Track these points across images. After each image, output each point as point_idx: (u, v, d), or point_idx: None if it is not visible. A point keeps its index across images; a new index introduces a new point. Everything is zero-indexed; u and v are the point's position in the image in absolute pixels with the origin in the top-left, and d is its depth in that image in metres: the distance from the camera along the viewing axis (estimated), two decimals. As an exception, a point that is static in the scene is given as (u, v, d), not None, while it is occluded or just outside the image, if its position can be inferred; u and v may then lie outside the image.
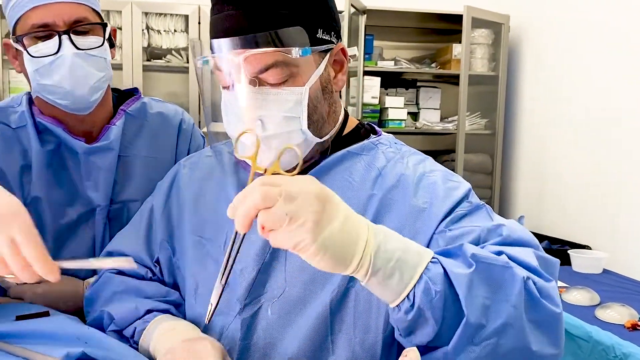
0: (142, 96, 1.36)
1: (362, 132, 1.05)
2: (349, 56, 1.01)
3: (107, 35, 1.20)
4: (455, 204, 0.92)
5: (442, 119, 3.89)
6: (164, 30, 3.57)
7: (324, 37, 0.92)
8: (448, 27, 3.79)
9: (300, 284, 0.92)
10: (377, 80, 3.63)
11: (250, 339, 0.93)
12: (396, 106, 3.69)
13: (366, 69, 3.55)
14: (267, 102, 0.88)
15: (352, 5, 3.32)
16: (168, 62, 3.57)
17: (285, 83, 0.88)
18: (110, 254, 1.09)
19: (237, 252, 0.77)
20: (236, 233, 0.74)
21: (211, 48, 0.89)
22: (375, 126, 1.09)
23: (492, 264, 0.76)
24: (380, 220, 0.92)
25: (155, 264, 1.07)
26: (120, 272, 1.08)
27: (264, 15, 0.86)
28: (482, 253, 0.77)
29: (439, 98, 3.89)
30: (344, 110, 1.06)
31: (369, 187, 0.96)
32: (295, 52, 0.85)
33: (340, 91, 1.04)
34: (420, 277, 0.73)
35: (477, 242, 0.85)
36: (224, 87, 0.92)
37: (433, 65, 3.86)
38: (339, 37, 0.97)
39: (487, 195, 3.73)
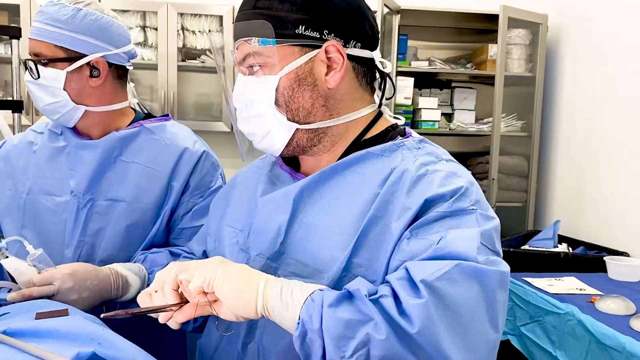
0: (170, 119, 1.55)
1: (391, 134, 1.05)
2: (380, 61, 1.06)
3: (70, 68, 1.36)
4: (430, 199, 0.91)
5: (477, 120, 3.83)
6: (199, 31, 3.61)
7: (308, 34, 0.97)
8: (484, 27, 3.73)
9: (304, 273, 0.97)
10: (410, 80, 3.60)
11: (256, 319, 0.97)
12: (430, 107, 3.65)
13: (399, 69, 3.52)
14: (248, 87, 1.02)
15: (385, 5, 3.29)
16: (203, 62, 3.62)
17: (261, 71, 1.00)
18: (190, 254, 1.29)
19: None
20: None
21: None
22: (407, 129, 1.08)
23: (356, 291, 0.83)
24: (380, 214, 0.93)
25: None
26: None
27: (251, 13, 0.99)
28: (354, 284, 0.85)
29: (474, 99, 3.83)
30: (379, 112, 1.08)
31: (378, 185, 0.96)
32: (254, 41, 0.98)
33: (382, 95, 1.08)
34: (307, 299, 0.84)
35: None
36: None
37: (468, 65, 3.80)
38: (344, 38, 0.99)
39: (522, 198, 3.66)
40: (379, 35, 1.08)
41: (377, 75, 1.08)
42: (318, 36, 0.97)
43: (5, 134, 1.79)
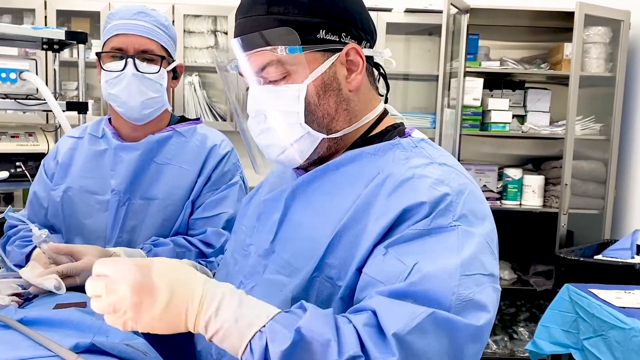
0: (200, 122, 1.65)
1: (392, 133, 1.03)
2: (387, 58, 1.05)
3: (169, 68, 1.51)
4: (409, 207, 0.86)
5: (552, 122, 3.66)
6: (267, 34, 3.66)
7: (328, 38, 0.96)
8: (561, 25, 3.55)
9: (285, 272, 0.96)
10: (479, 81, 3.49)
11: None
12: (500, 108, 3.51)
13: (468, 69, 3.42)
14: (269, 97, 0.97)
15: (452, 5, 3.21)
16: (271, 64, 3.67)
17: (284, 80, 0.96)
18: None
19: None
20: None
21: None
22: (408, 129, 1.05)
23: (313, 339, 0.76)
24: (359, 216, 0.90)
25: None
26: None
27: (263, 20, 0.95)
28: (311, 325, 0.77)
29: (549, 100, 3.65)
30: (384, 110, 1.07)
31: (362, 186, 0.94)
32: (281, 50, 0.93)
33: (386, 95, 1.08)
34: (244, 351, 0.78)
35: (390, 283, 0.83)
36: (247, 89, 1.03)
37: (543, 65, 3.64)
38: (357, 38, 0.99)
39: (599, 205, 3.46)
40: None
41: (375, 72, 1.08)
42: (337, 39, 0.97)
43: (68, 132, 1.89)
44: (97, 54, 1.49)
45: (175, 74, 1.57)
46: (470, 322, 0.80)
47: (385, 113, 1.06)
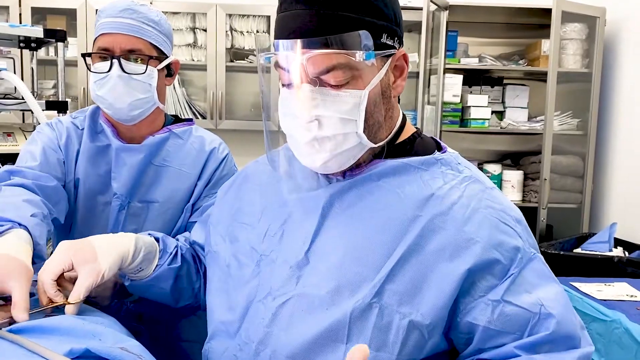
0: (194, 124, 1.59)
1: (418, 142, 1.02)
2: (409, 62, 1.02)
3: (161, 65, 1.43)
4: (503, 257, 0.89)
5: (530, 118, 3.71)
6: (247, 32, 3.65)
7: (388, 42, 0.91)
8: (539, 21, 3.61)
9: (327, 288, 0.91)
10: (458, 78, 3.52)
11: (272, 327, 0.93)
12: (479, 105, 3.55)
13: (448, 66, 3.45)
14: (326, 102, 0.88)
15: (432, 2, 3.23)
16: (251, 62, 3.65)
17: (346, 85, 0.88)
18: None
19: None
20: None
21: (276, 45, 0.90)
22: (439, 141, 1.04)
23: None
24: (424, 243, 0.89)
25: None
26: None
27: (331, 17, 0.85)
28: None
29: (527, 96, 3.70)
30: (403, 115, 1.03)
31: (417, 206, 0.91)
32: (359, 55, 0.86)
33: (398, 97, 1.03)
34: None
35: (523, 331, 0.87)
36: (284, 85, 0.93)
37: (521, 62, 3.68)
38: (401, 43, 0.95)
39: (577, 200, 3.51)
40: None
41: None
42: (392, 44, 0.92)
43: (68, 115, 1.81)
44: (83, 55, 1.43)
45: (170, 71, 1.49)
46: (592, 345, 0.89)
47: (404, 118, 1.03)
